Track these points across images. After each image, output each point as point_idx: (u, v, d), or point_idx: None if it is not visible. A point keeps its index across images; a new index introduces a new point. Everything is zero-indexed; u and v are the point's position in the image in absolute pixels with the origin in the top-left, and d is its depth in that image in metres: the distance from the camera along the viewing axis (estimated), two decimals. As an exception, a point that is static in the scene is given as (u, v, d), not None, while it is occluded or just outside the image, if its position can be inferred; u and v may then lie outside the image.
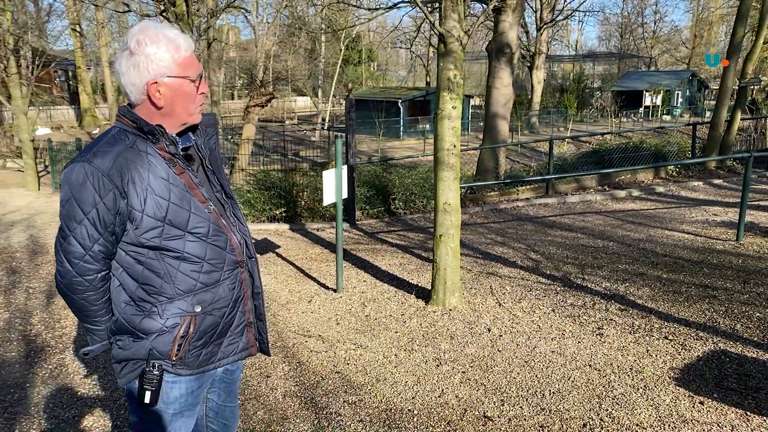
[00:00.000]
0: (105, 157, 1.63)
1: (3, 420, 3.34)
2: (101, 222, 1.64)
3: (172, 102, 1.72)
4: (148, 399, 1.75)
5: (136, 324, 1.74)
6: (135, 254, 1.71)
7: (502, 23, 11.36)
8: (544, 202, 9.21)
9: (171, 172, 1.72)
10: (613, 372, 3.74)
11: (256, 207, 8.41)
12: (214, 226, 1.79)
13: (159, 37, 1.67)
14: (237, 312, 1.89)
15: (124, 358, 1.77)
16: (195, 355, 1.80)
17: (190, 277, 1.75)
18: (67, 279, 1.70)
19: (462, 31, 4.68)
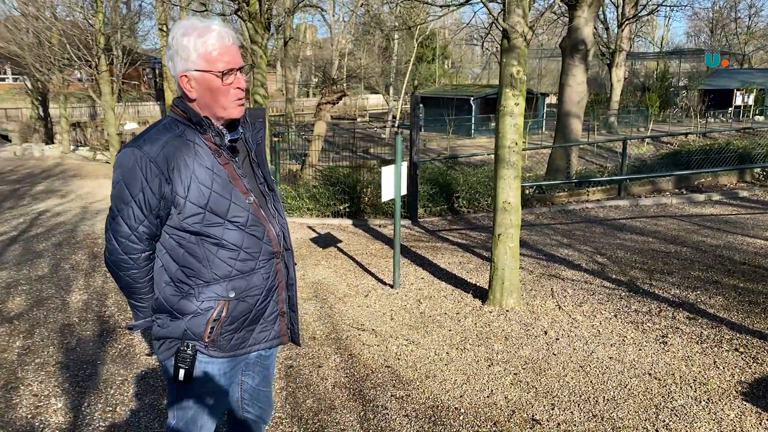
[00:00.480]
0: (154, 144, 1.72)
1: (75, 393, 3.57)
2: (147, 205, 1.73)
3: (201, 95, 1.78)
4: (182, 376, 1.83)
5: (173, 304, 1.83)
6: (177, 238, 1.80)
7: (577, 19, 11.03)
8: (615, 204, 8.87)
9: (216, 162, 1.79)
10: (675, 382, 3.56)
11: (321, 202, 8.56)
12: (253, 216, 1.84)
13: (190, 31, 1.74)
14: (270, 301, 1.94)
15: (161, 336, 1.87)
16: (227, 339, 1.87)
17: (227, 264, 1.82)
18: (114, 256, 1.81)
19: (526, 27, 4.58)
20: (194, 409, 1.93)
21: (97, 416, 3.30)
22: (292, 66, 33.60)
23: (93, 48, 14.25)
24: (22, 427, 3.19)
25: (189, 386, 1.88)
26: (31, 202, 10.65)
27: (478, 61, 55.21)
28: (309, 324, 4.60)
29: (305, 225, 8.20)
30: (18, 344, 4.28)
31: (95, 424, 3.22)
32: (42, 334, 4.46)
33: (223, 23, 1.81)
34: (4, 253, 6.88)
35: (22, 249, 7.07)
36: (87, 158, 18.46)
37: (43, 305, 5.08)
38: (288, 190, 8.90)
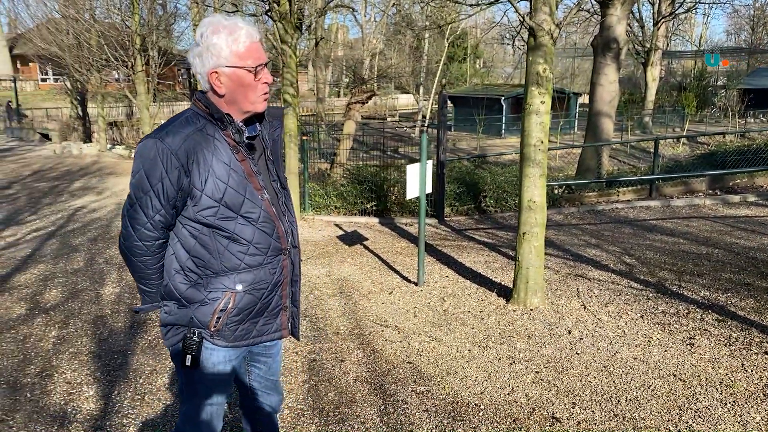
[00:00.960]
0: (175, 136, 1.77)
1: (106, 381, 3.69)
2: (165, 195, 1.79)
3: (231, 90, 1.83)
4: (189, 362, 1.90)
5: (181, 291, 1.89)
6: (191, 228, 1.86)
7: (609, 17, 10.87)
8: (645, 204, 8.73)
9: (233, 158, 1.84)
10: (700, 384, 3.51)
11: (348, 200, 8.63)
12: (264, 213, 1.90)
13: (219, 29, 1.79)
14: (275, 295, 1.99)
15: (169, 322, 1.93)
16: (232, 330, 1.92)
17: (236, 257, 1.87)
18: (129, 242, 1.87)
19: (553, 25, 4.56)
20: (201, 393, 2.00)
21: (126, 404, 3.40)
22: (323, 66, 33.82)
23: (129, 49, 14.61)
24: (55, 413, 3.31)
25: (196, 372, 1.95)
26: (69, 199, 10.97)
27: (510, 60, 54.75)
28: (333, 319, 4.66)
29: (332, 223, 8.28)
30: (53, 334, 4.44)
31: (124, 411, 3.33)
32: (76, 324, 4.61)
33: (247, 21, 1.87)
34: (42, 247, 7.12)
35: (59, 243, 7.30)
36: (123, 156, 18.90)
37: (77, 297, 5.25)
38: (316, 188, 8.99)
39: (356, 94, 16.57)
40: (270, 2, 7.78)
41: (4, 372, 3.82)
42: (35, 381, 3.69)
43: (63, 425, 3.19)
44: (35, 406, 3.39)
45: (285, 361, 3.90)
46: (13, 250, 6.97)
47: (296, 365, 3.86)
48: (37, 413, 3.31)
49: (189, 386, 2.01)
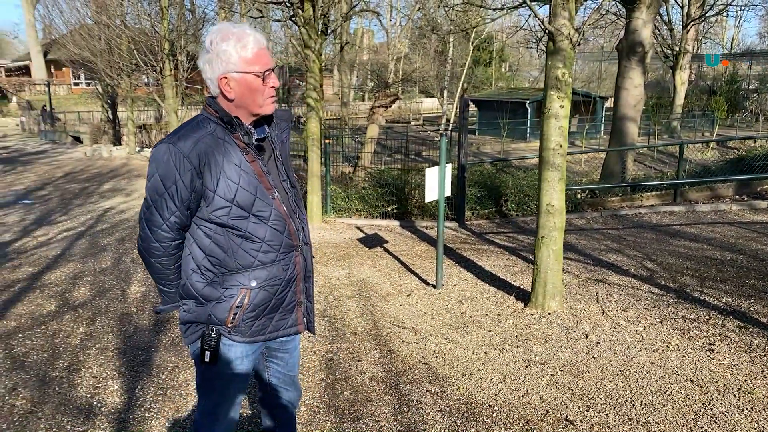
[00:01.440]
0: (187, 140, 1.85)
1: (130, 376, 3.81)
2: (179, 197, 1.86)
3: (241, 95, 1.91)
4: (207, 358, 1.97)
5: (199, 290, 1.97)
6: (205, 229, 1.94)
7: (634, 21, 10.79)
8: (669, 209, 8.63)
9: (243, 160, 1.92)
10: (718, 390, 3.49)
11: (369, 203, 8.71)
12: (275, 211, 1.97)
13: (228, 36, 1.87)
14: (289, 291, 2.06)
15: (188, 320, 2.01)
16: (248, 325, 2.00)
17: (250, 255, 1.94)
18: (146, 243, 1.96)
19: (573, 29, 4.57)
20: (219, 388, 2.07)
21: (149, 398, 3.51)
22: (348, 70, 34.03)
23: (158, 54, 14.92)
24: (81, 405, 3.43)
25: (214, 368, 2.02)
26: (98, 200, 11.26)
27: (536, 64, 54.41)
28: (351, 320, 4.73)
29: (354, 225, 8.36)
30: (81, 330, 4.58)
31: (147, 405, 3.43)
32: (103, 321, 4.76)
33: (254, 28, 1.95)
34: (72, 247, 7.33)
35: (88, 243, 7.51)
36: (151, 159, 19.27)
37: (104, 295, 5.41)
38: (338, 191, 9.09)
39: (379, 98, 16.68)
40: (294, 8, 7.91)
41: (34, 366, 3.96)
42: (63, 375, 3.83)
43: (88, 417, 3.30)
44: (63, 399, 3.51)
45: (303, 360, 3.98)
46: (45, 249, 7.19)
47: (314, 364, 3.93)
48: (65, 405, 3.44)
49: (207, 382, 2.08)
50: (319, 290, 5.49)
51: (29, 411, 3.38)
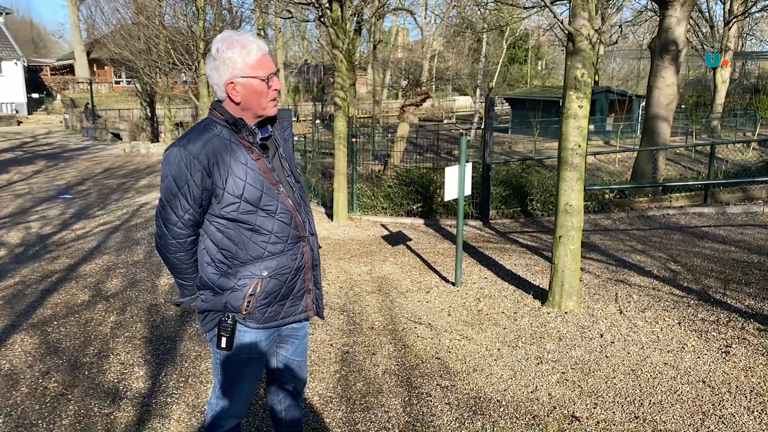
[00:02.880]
0: (196, 143, 1.99)
1: (155, 364, 4.00)
2: (191, 196, 2.00)
3: (246, 98, 2.04)
4: (224, 344, 2.11)
5: (214, 281, 2.10)
6: (217, 224, 2.07)
7: (668, 18, 10.60)
8: (699, 211, 8.49)
9: (249, 158, 2.05)
10: (729, 391, 3.49)
11: (395, 201, 8.80)
12: (281, 205, 2.09)
13: (233, 44, 2.00)
14: (298, 279, 2.18)
15: (205, 309, 2.15)
16: (261, 312, 2.12)
17: (260, 246, 2.07)
18: (163, 240, 2.10)
19: (592, 30, 4.59)
20: (234, 373, 2.21)
21: (171, 385, 3.69)
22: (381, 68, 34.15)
23: (194, 53, 15.29)
24: (109, 390, 3.63)
25: (231, 353, 2.16)
26: (135, 195, 11.63)
27: (573, 62, 53.43)
28: (369, 315, 4.84)
29: (379, 223, 8.48)
30: (112, 319, 4.81)
31: (169, 391, 3.61)
32: (132, 311, 4.98)
33: (255, 35, 2.08)
34: (107, 240, 7.63)
35: (122, 237, 7.81)
36: (187, 156, 19.74)
37: (135, 287, 5.64)
38: (363, 189, 9.21)
39: (410, 97, 16.74)
40: (323, 8, 8.06)
41: (66, 352, 4.19)
42: (93, 361, 4.04)
43: (114, 401, 3.49)
44: (92, 383, 3.72)
45: (319, 352, 4.11)
46: (82, 242, 7.50)
47: (330, 356, 4.06)
48: (93, 389, 3.63)
49: (223, 366, 2.22)
50: (340, 286, 5.62)
51: (60, 393, 3.59)
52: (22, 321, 4.75)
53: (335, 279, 5.83)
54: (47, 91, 38.43)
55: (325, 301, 5.14)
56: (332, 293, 5.39)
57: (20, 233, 8.09)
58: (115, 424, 3.26)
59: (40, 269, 6.26)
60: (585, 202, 8.83)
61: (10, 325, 4.67)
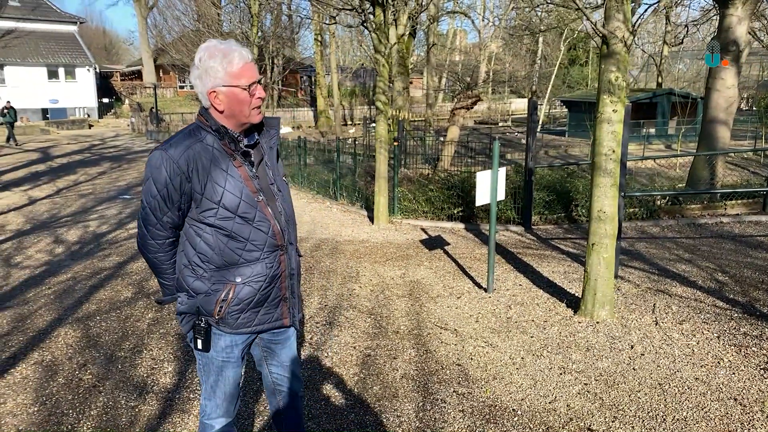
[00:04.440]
0: (178, 147, 2.05)
1: (184, 360, 4.14)
2: (169, 199, 2.06)
3: (229, 106, 2.09)
4: (200, 345, 2.17)
5: (189, 284, 2.16)
6: (196, 228, 2.12)
7: (728, 18, 10.15)
8: (756, 219, 8.06)
9: (231, 165, 2.09)
10: (762, 410, 3.32)
11: (435, 205, 8.77)
12: (260, 213, 2.13)
13: (215, 53, 2.04)
14: (274, 287, 2.21)
15: (182, 311, 2.21)
16: (234, 318, 2.17)
17: (235, 253, 2.12)
18: (143, 241, 2.17)
19: (627, 32, 4.45)
20: (215, 375, 2.26)
21: (195, 381, 3.81)
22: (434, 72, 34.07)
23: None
24: (138, 384, 3.79)
25: (209, 355, 2.23)
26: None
27: (638, 63, 51.89)
28: (396, 319, 4.85)
29: (419, 227, 8.47)
30: (150, 316, 5.01)
31: (192, 387, 3.73)
32: (170, 309, 5.16)
33: (240, 44, 2.12)
34: (156, 239, 7.93)
35: (171, 236, 8.09)
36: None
37: (164, 306, 5.84)
38: (405, 192, 9.22)
39: (461, 100, 16.64)
40: (365, 13, 8.13)
41: (104, 345, 4.40)
42: (127, 355, 4.22)
43: (141, 394, 3.64)
44: (123, 377, 3.89)
45: (341, 354, 4.16)
46: (133, 241, 7.83)
47: (351, 359, 4.10)
48: (123, 382, 3.80)
49: (204, 367, 2.29)
50: (372, 289, 5.65)
51: (93, 385, 3.77)
52: (69, 315, 5.02)
53: (368, 282, 5.87)
54: (117, 95, 40.31)
55: (354, 303, 5.20)
56: (362, 296, 5.44)
57: (79, 231, 8.53)
58: (139, 416, 3.40)
59: (91, 266, 6.58)
60: (632, 209, 8.56)
61: (57, 319, 4.94)
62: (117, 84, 41.89)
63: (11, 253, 7.26)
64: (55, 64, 34.17)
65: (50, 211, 10.18)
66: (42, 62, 33.76)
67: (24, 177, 14.91)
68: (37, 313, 5.07)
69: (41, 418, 3.39)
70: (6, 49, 31.92)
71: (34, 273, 6.39)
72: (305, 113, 38.14)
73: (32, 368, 4.03)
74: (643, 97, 25.10)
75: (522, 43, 37.23)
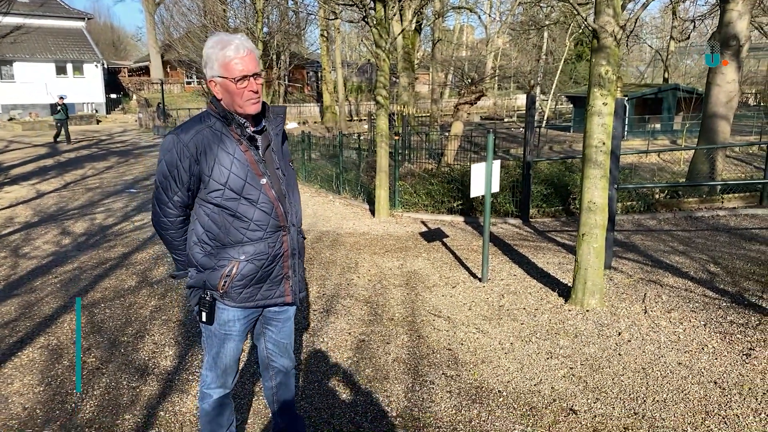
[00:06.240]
0: (188, 132, 2.21)
1: (184, 345, 4.28)
2: (180, 179, 2.22)
3: (224, 96, 2.24)
4: (204, 318, 2.32)
5: (198, 260, 2.31)
6: (205, 208, 2.28)
7: (729, 12, 10.19)
8: (752, 212, 8.13)
9: (237, 149, 2.24)
10: (740, 393, 3.42)
11: (436, 198, 8.89)
12: (264, 195, 2.27)
13: (215, 45, 2.19)
14: (276, 266, 2.36)
15: (190, 285, 2.36)
16: (237, 292, 2.31)
17: (239, 232, 2.26)
18: (156, 218, 2.33)
19: (617, 26, 4.55)
20: (217, 347, 2.41)
21: (195, 365, 3.96)
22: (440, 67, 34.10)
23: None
24: (139, 366, 3.94)
25: (212, 328, 2.37)
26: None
27: (646, 58, 51.66)
28: (391, 307, 4.98)
29: (419, 220, 8.59)
30: (152, 303, 5.16)
31: (192, 370, 3.88)
32: (172, 297, 5.32)
33: (245, 37, 2.25)
34: (161, 231, 8.09)
35: (175, 228, 8.25)
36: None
37: (177, 280, 5.99)
38: (405, 186, 9.34)
39: (464, 95, 16.71)
40: (366, 9, 8.24)
41: (108, 331, 4.55)
42: (130, 340, 4.38)
43: (142, 376, 3.79)
44: (125, 360, 4.04)
45: (336, 339, 4.29)
46: (139, 233, 8.01)
47: (346, 343, 4.23)
48: (126, 365, 3.96)
49: (208, 339, 2.44)
50: (369, 279, 5.79)
51: (96, 368, 3.93)
52: (74, 303, 5.18)
53: (366, 272, 6.01)
54: (124, 91, 40.57)
55: (351, 293, 5.34)
56: (360, 285, 5.57)
57: (85, 224, 8.70)
58: (140, 396, 3.55)
59: (97, 256, 6.75)
60: (630, 202, 8.65)
61: (62, 306, 5.10)
62: (125, 80, 42.16)
63: (19, 244, 7.44)
64: (63, 60, 34.43)
65: (58, 204, 10.36)
66: (50, 58, 34.03)
67: (32, 171, 15.13)
68: (43, 301, 5.24)
69: (47, 397, 3.55)
70: (15, 45, 32.16)
71: (41, 263, 6.56)
72: (311, 109, 38.26)
73: (38, 351, 4.19)
74: (648, 92, 25.08)
75: (528, 39, 37.16)
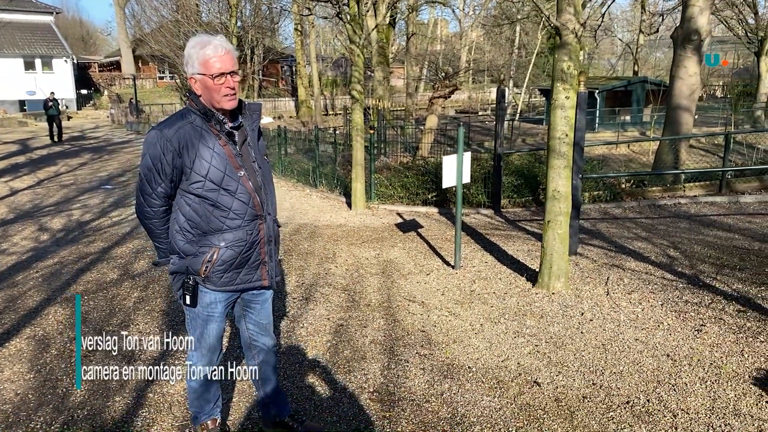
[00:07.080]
0: (171, 127, 2.38)
1: (168, 333, 4.44)
2: (163, 172, 2.39)
3: (203, 92, 2.41)
4: (188, 301, 2.50)
5: (180, 246, 2.50)
6: (186, 198, 2.45)
7: (691, 8, 10.59)
8: (711, 200, 8.53)
9: (217, 144, 2.42)
10: (689, 364, 3.72)
11: (410, 190, 9.12)
12: (242, 186, 2.46)
13: (195, 44, 2.37)
14: (254, 252, 2.55)
15: (173, 271, 2.55)
16: (218, 277, 2.50)
17: (219, 220, 2.45)
18: (140, 208, 2.51)
19: (578, 24, 4.81)
20: (201, 326, 2.60)
21: (180, 350, 4.13)
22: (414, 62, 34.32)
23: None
24: (126, 353, 4.09)
25: (195, 311, 2.57)
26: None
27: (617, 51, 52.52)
28: (368, 294, 5.20)
29: (395, 212, 8.82)
30: (135, 295, 5.30)
31: (177, 355, 4.05)
32: (154, 288, 5.46)
33: (224, 37, 2.44)
34: (140, 226, 8.14)
35: (154, 223, 8.35)
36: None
37: (160, 267, 6.13)
38: (381, 179, 9.55)
39: (438, 89, 16.97)
40: (340, 5, 8.41)
41: (93, 322, 4.69)
42: (115, 329, 4.53)
43: (129, 362, 3.96)
44: (112, 348, 4.18)
45: (316, 325, 4.50)
46: (117, 228, 8.09)
47: (325, 328, 4.44)
48: (113, 353, 4.10)
49: (191, 321, 2.63)
50: (347, 268, 5.99)
51: (84, 356, 4.07)
52: (57, 296, 5.29)
53: (343, 262, 6.21)
54: (95, 87, 40.02)
55: (329, 281, 5.54)
56: (338, 275, 5.77)
57: (63, 220, 8.74)
58: (128, 381, 3.71)
59: (77, 251, 6.83)
60: (597, 192, 8.98)
61: (46, 299, 5.21)
62: (95, 75, 41.58)
63: (-2, 241, 7.48)
64: (31, 55, 33.89)
65: (33, 201, 10.35)
66: (18, 53, 33.46)
67: (4, 169, 14.99)
68: (26, 294, 5.34)
69: (37, 384, 3.69)
70: (-19, 41, 31.60)
71: (21, 258, 6.63)
72: (286, 103, 38.20)
73: (26, 342, 4.32)
74: (618, 85, 25.63)
75: (501, 33, 37.57)
